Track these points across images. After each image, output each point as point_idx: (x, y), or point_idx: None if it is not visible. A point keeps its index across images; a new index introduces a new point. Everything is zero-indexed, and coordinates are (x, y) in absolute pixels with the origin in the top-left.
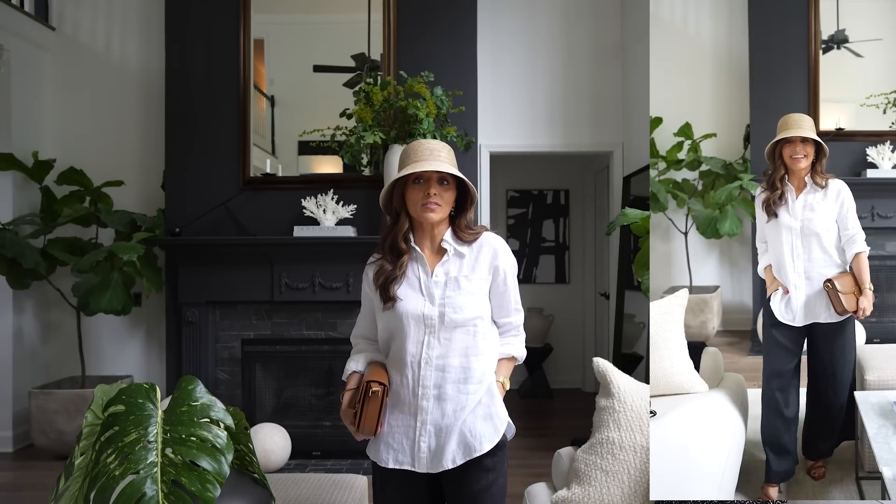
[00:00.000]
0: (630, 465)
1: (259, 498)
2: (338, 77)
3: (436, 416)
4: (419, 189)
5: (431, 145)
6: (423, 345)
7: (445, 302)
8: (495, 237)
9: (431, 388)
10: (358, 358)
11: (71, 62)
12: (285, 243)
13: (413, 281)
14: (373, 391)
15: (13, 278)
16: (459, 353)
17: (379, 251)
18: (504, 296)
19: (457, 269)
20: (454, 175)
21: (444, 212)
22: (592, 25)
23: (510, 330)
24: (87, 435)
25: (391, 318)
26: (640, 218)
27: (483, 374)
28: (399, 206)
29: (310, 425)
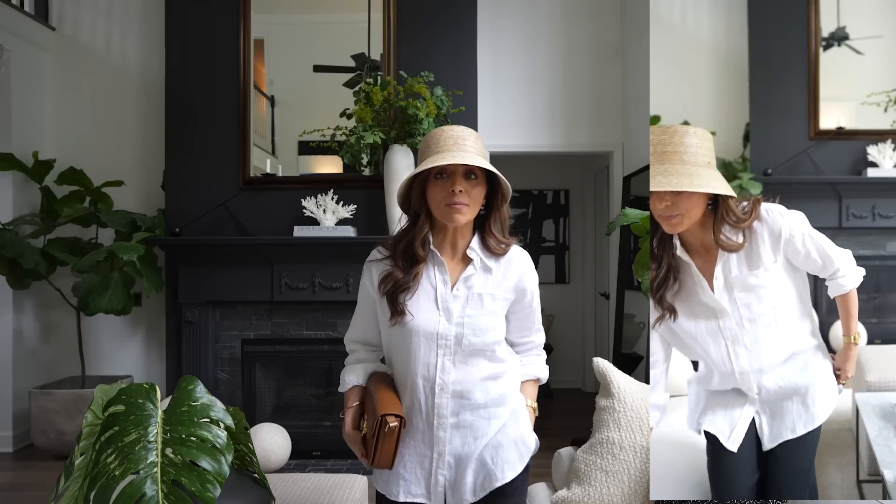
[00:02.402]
0: (630, 466)
1: (259, 498)
2: (338, 77)
3: (455, 445)
4: (442, 185)
5: (456, 132)
6: (436, 368)
7: (465, 322)
8: (524, 255)
9: (448, 417)
10: (357, 369)
11: (71, 62)
12: (285, 243)
13: (427, 290)
14: (389, 427)
15: (13, 278)
16: (479, 378)
17: (388, 248)
18: (529, 317)
19: (481, 284)
20: (484, 168)
21: (472, 212)
22: (592, 25)
23: (532, 349)
24: (86, 435)
25: (397, 334)
26: (640, 218)
27: (506, 397)
28: (419, 205)
29: (310, 425)
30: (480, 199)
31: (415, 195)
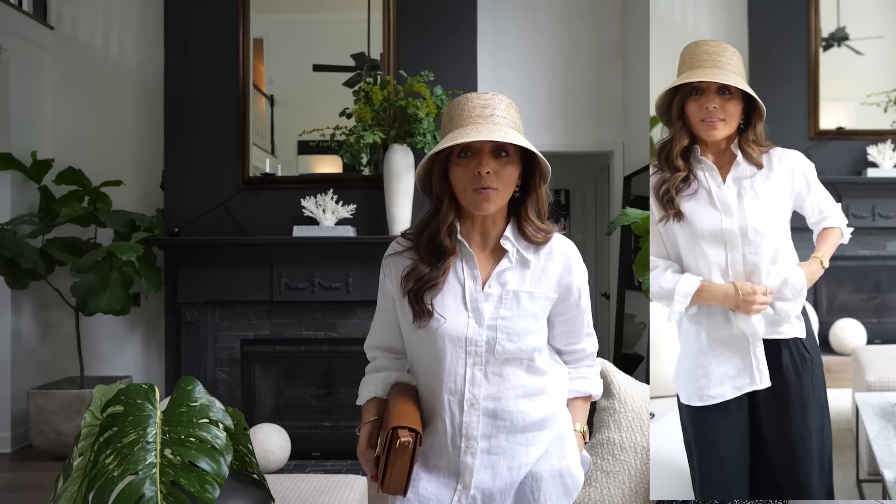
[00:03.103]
0: (630, 466)
1: (258, 499)
2: (337, 76)
3: (483, 478)
4: (467, 166)
5: (483, 100)
6: (465, 380)
7: (497, 325)
8: (569, 245)
9: (478, 440)
10: (376, 379)
11: (69, 61)
12: (285, 243)
13: (454, 288)
14: (401, 443)
15: (11, 278)
16: (515, 393)
17: (409, 239)
18: (576, 319)
19: (518, 280)
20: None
21: (503, 197)
22: (593, 24)
23: (583, 359)
24: (85, 436)
25: (421, 338)
26: (640, 218)
27: (548, 420)
28: (441, 188)
29: (309, 426)
30: (513, 180)
31: (436, 177)
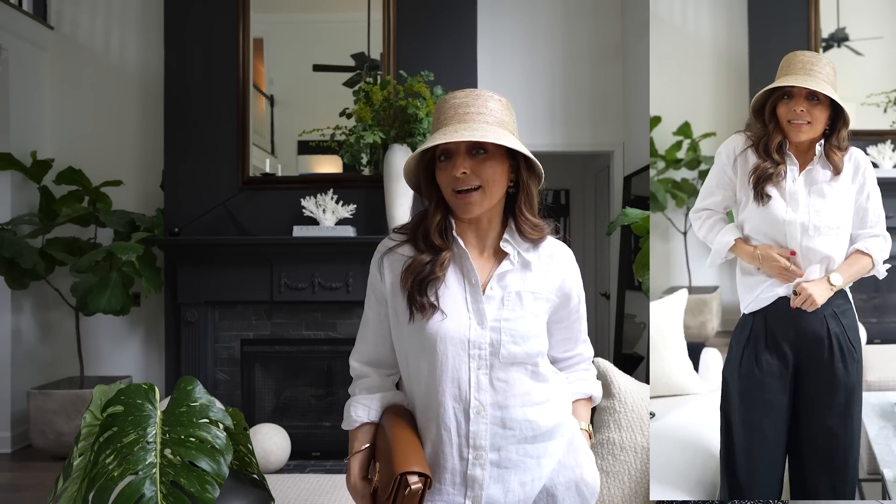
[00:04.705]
0: (630, 466)
1: (258, 499)
2: (337, 76)
3: (495, 493)
4: (446, 169)
5: (459, 100)
6: (469, 385)
7: (501, 326)
8: (567, 252)
9: (488, 451)
10: (368, 401)
11: (69, 61)
12: (285, 243)
13: (454, 286)
14: (411, 490)
15: (11, 278)
16: (522, 401)
17: (405, 232)
18: (574, 325)
19: (519, 282)
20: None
21: (490, 196)
22: (593, 24)
23: (580, 363)
24: (85, 436)
25: (419, 341)
26: (640, 218)
27: (557, 428)
28: (429, 192)
29: (309, 426)
30: (498, 177)
31: (423, 181)
